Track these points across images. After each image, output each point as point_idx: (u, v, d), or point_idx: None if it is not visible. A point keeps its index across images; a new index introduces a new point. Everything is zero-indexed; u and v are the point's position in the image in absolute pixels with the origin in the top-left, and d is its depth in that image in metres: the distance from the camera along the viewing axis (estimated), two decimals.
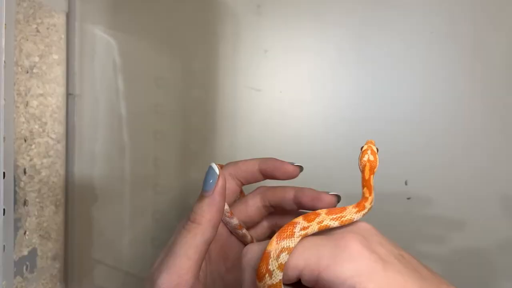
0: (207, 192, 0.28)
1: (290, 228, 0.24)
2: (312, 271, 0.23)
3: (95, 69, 0.46)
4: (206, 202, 0.28)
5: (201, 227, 0.27)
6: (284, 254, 0.23)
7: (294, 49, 0.45)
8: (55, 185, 0.43)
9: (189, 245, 0.27)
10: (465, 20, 0.43)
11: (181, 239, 0.27)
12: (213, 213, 0.28)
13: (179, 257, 0.27)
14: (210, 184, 0.28)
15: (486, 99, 0.43)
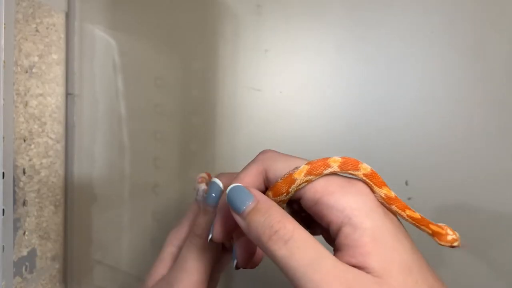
0: (211, 206, 0.27)
1: (322, 168, 0.24)
2: (315, 193, 0.23)
3: (94, 69, 0.46)
4: (211, 217, 0.27)
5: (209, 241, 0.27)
6: (304, 184, 0.24)
7: (294, 49, 0.45)
8: (55, 185, 0.43)
9: (199, 260, 0.27)
10: (465, 20, 0.43)
11: (191, 255, 0.27)
12: (219, 226, 0.27)
13: (191, 273, 0.27)
14: (214, 198, 0.27)
15: (486, 99, 0.43)
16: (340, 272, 0.20)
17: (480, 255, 0.44)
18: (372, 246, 0.21)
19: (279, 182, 0.25)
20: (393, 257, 0.21)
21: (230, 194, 0.23)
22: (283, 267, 0.21)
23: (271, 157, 0.26)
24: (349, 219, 0.22)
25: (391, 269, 0.21)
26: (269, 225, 0.22)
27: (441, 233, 0.25)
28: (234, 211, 0.23)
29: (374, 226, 0.22)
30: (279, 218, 0.22)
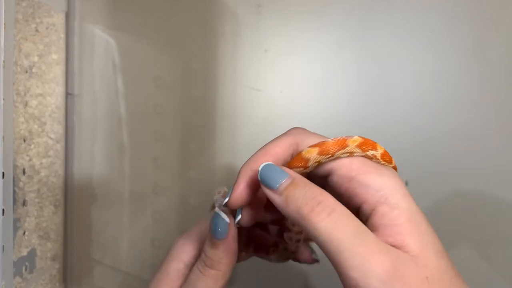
0: (221, 240, 0.26)
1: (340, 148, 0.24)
2: (351, 170, 0.23)
3: (94, 68, 0.46)
4: (221, 249, 0.26)
5: (221, 272, 0.27)
6: (325, 157, 0.24)
7: (294, 49, 0.44)
8: (55, 185, 0.43)
9: None
10: (465, 19, 0.43)
11: (201, 285, 0.27)
12: (230, 258, 0.27)
13: None
14: (221, 233, 0.26)
15: (486, 99, 0.43)
16: (384, 247, 0.20)
17: (480, 254, 0.44)
18: (409, 226, 0.21)
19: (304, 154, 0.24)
20: (428, 239, 0.22)
21: (263, 172, 0.23)
22: (325, 239, 0.20)
23: (304, 132, 0.26)
24: (386, 199, 0.22)
25: (427, 250, 0.21)
26: (311, 196, 0.21)
27: None
28: (268, 188, 0.22)
29: (410, 209, 0.22)
30: (320, 191, 0.22)
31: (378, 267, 0.19)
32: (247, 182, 0.25)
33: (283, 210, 0.22)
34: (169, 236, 0.47)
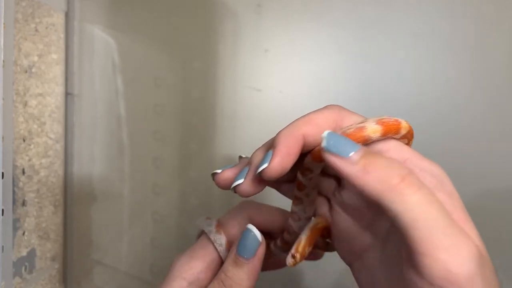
0: (246, 259, 0.24)
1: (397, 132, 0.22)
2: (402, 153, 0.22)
3: (94, 68, 0.46)
4: (245, 270, 0.24)
5: None
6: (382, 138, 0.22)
7: (294, 49, 0.44)
8: (54, 185, 0.43)
9: None
10: (465, 19, 0.43)
11: None
12: (252, 281, 0.25)
13: None
14: (250, 251, 0.24)
15: (486, 99, 0.43)
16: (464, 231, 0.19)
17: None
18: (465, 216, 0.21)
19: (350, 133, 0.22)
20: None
21: (331, 138, 0.20)
22: (415, 215, 0.18)
23: (345, 110, 0.24)
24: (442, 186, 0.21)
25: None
26: (398, 166, 0.19)
27: None
28: (336, 157, 0.19)
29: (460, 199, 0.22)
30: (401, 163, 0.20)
31: (470, 251, 0.18)
32: (288, 149, 0.22)
33: (359, 180, 0.19)
34: (169, 236, 0.47)
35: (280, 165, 0.21)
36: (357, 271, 0.25)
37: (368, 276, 0.24)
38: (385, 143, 0.22)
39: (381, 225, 0.23)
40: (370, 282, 0.24)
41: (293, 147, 0.22)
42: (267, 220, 0.29)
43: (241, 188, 0.23)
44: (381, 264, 0.23)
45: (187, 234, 0.47)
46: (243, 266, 0.24)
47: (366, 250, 0.24)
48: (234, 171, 0.24)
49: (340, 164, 0.19)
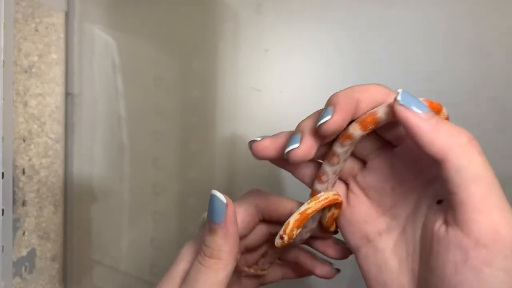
0: (218, 224, 0.25)
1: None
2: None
3: (94, 68, 0.46)
4: (220, 235, 0.25)
5: (222, 262, 0.25)
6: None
7: (294, 48, 0.44)
8: (54, 185, 0.43)
9: (212, 283, 0.25)
10: (466, 19, 0.43)
11: (201, 276, 0.25)
12: (230, 244, 0.25)
13: None
14: (218, 214, 0.25)
15: (486, 99, 0.43)
16: None
17: None
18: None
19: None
20: None
21: (406, 94, 0.21)
22: (481, 172, 0.19)
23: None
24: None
25: None
26: (462, 129, 0.21)
27: None
28: (412, 112, 0.20)
29: None
30: None
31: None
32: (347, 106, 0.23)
33: (429, 134, 0.20)
34: (169, 236, 0.47)
35: (341, 118, 0.22)
36: (363, 256, 0.25)
37: (377, 260, 0.24)
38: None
39: (404, 207, 0.24)
40: (378, 266, 0.24)
41: (350, 107, 0.23)
42: (275, 209, 0.29)
43: (297, 151, 0.23)
44: (396, 247, 0.24)
45: (187, 234, 0.47)
46: (217, 231, 0.25)
47: (380, 234, 0.25)
48: (274, 140, 0.25)
49: (413, 118, 0.20)
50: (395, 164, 0.25)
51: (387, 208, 0.25)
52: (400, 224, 0.24)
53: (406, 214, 0.24)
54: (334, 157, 0.25)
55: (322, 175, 0.26)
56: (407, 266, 0.23)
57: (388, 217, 0.25)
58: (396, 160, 0.25)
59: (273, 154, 0.25)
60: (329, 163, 0.25)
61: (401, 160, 0.25)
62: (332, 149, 0.25)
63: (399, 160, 0.25)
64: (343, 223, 0.27)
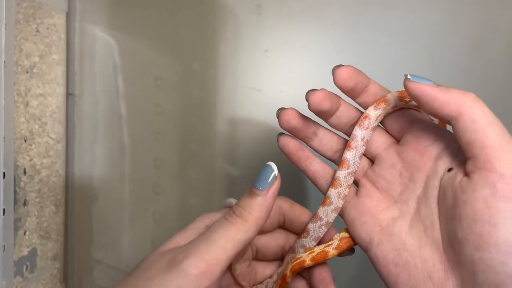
0: (261, 191, 0.25)
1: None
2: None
3: (95, 69, 0.46)
4: (258, 201, 0.25)
5: (246, 224, 0.25)
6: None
7: (294, 49, 0.45)
8: (55, 185, 0.43)
9: (229, 238, 0.25)
10: (465, 19, 0.43)
11: (222, 230, 0.25)
12: (262, 213, 0.26)
13: (215, 245, 0.24)
14: (266, 183, 0.26)
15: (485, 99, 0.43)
16: None
17: None
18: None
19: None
20: None
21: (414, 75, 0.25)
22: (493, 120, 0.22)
23: None
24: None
25: None
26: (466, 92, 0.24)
27: None
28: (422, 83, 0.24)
29: None
30: None
31: None
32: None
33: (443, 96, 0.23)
34: (169, 236, 0.47)
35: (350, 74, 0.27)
36: (378, 244, 0.26)
37: (393, 244, 0.25)
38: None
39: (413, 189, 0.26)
40: (395, 249, 0.25)
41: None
42: (298, 216, 0.31)
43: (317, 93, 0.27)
44: (412, 228, 0.25)
45: None
46: (256, 197, 0.25)
47: (394, 220, 0.26)
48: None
49: (426, 87, 0.24)
50: (401, 151, 0.27)
51: (397, 195, 0.27)
52: (412, 206, 0.26)
53: (417, 195, 0.26)
54: (365, 120, 0.27)
55: (352, 141, 0.28)
56: (427, 239, 0.24)
57: (399, 203, 0.27)
58: (400, 148, 0.27)
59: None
60: (360, 127, 0.27)
61: (406, 146, 0.27)
62: (364, 112, 0.28)
63: (403, 147, 0.27)
64: (354, 216, 0.28)
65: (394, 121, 0.28)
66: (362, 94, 0.28)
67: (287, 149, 0.30)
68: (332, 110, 0.28)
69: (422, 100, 0.24)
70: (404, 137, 0.27)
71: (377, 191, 0.28)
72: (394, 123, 0.28)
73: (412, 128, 0.27)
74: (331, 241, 0.28)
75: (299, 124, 0.29)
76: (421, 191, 0.26)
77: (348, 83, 0.27)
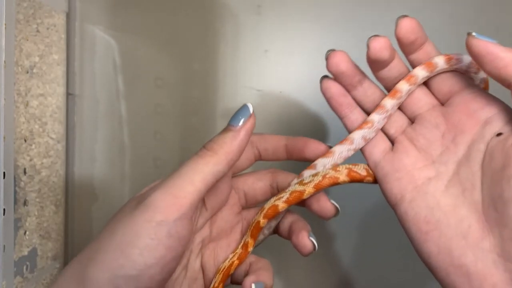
0: (233, 127, 0.26)
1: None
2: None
3: (95, 69, 0.46)
4: (229, 135, 0.26)
5: (216, 157, 0.25)
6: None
7: (294, 49, 0.45)
8: (55, 185, 0.43)
9: (197, 170, 0.25)
10: (465, 20, 0.43)
11: (190, 163, 0.25)
12: (233, 147, 0.26)
13: (181, 178, 0.24)
14: (238, 119, 0.26)
15: None
16: None
17: None
18: None
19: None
20: None
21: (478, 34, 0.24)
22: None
23: None
24: None
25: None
26: None
27: None
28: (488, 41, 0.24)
29: None
30: None
31: None
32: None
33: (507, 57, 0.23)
34: None
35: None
36: (410, 201, 0.26)
37: (426, 202, 0.26)
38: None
39: (455, 151, 0.26)
40: (428, 207, 0.25)
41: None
42: (271, 146, 0.31)
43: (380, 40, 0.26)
44: (448, 188, 0.25)
45: None
46: (229, 132, 0.26)
47: (430, 179, 0.26)
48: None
49: (492, 46, 0.23)
50: (446, 113, 0.27)
51: (437, 155, 0.27)
52: (451, 168, 0.26)
53: (458, 157, 0.26)
54: (412, 78, 0.27)
55: (396, 91, 0.28)
56: (465, 200, 0.24)
57: (437, 163, 0.26)
58: (446, 110, 0.27)
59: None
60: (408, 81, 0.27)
61: (453, 108, 0.27)
62: (412, 71, 0.28)
63: (450, 109, 0.27)
64: (388, 170, 0.28)
65: (443, 83, 0.27)
66: (417, 51, 0.27)
67: (329, 93, 0.29)
68: (388, 61, 0.27)
69: (485, 58, 0.23)
70: (452, 99, 0.27)
71: (415, 149, 0.28)
72: (443, 85, 0.28)
73: (462, 91, 0.27)
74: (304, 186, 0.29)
75: (348, 69, 0.28)
76: (463, 153, 0.25)
77: (410, 35, 0.26)
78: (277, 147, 0.31)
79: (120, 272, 0.22)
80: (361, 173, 0.29)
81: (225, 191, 0.31)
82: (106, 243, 0.24)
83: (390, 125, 0.29)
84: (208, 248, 0.31)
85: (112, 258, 0.23)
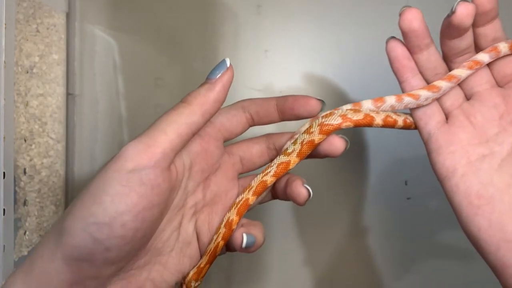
0: (210, 80, 0.27)
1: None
2: None
3: (95, 69, 0.46)
4: (204, 87, 0.26)
5: (189, 108, 0.25)
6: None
7: (294, 49, 0.45)
8: (55, 185, 0.43)
9: (170, 121, 0.25)
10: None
11: (164, 116, 0.26)
12: (208, 98, 0.26)
13: (155, 129, 0.25)
14: (215, 73, 0.27)
15: None
16: None
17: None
18: None
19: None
20: None
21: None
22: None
23: None
24: None
25: None
26: None
27: None
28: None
29: None
30: None
31: None
32: None
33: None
34: None
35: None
36: (462, 175, 0.26)
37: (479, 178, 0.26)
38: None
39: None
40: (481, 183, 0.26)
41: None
42: (261, 108, 0.31)
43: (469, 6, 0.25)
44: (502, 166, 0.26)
45: None
46: (205, 85, 0.26)
47: (484, 157, 0.26)
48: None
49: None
50: (506, 95, 0.27)
51: (492, 134, 0.27)
52: (505, 148, 0.26)
53: None
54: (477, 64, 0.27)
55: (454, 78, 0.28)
56: None
57: (492, 143, 0.27)
58: (506, 92, 0.27)
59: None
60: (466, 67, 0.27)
61: None
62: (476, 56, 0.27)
63: (511, 93, 0.27)
64: (443, 143, 0.28)
65: (506, 66, 0.27)
66: (487, 24, 0.27)
67: (394, 53, 0.29)
68: (467, 29, 0.26)
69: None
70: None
71: (470, 126, 0.28)
72: (506, 67, 0.28)
73: None
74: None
75: (420, 28, 0.27)
76: None
77: (487, 4, 0.26)
78: (268, 109, 0.31)
79: (92, 220, 0.23)
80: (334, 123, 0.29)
81: (215, 154, 0.30)
82: (81, 195, 0.24)
83: (447, 97, 0.29)
84: (203, 212, 0.30)
85: (84, 207, 0.23)
